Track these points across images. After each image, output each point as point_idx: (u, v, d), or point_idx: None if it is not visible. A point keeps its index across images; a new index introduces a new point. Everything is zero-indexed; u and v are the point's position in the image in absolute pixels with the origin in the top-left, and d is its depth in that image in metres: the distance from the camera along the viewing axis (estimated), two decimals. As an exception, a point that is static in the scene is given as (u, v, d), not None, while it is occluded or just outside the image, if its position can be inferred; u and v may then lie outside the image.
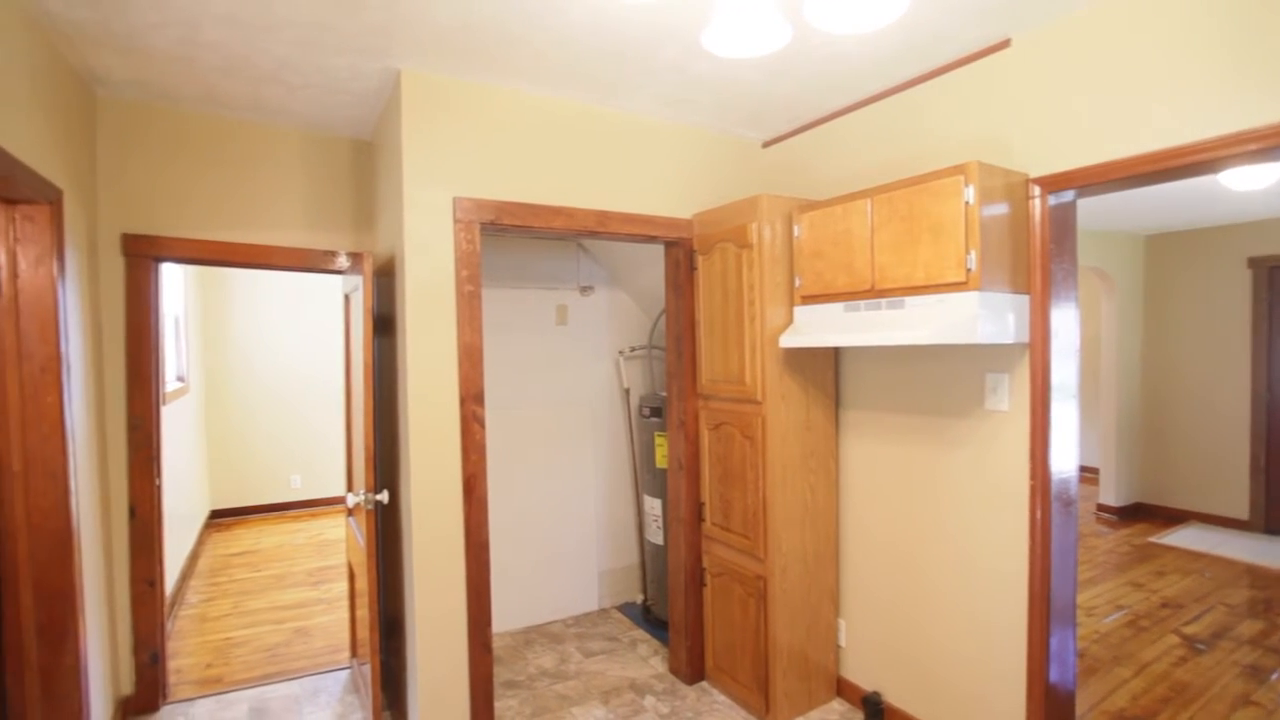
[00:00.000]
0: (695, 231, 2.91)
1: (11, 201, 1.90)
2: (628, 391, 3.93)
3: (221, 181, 2.82)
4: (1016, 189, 2.06)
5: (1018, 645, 2.16)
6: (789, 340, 2.50)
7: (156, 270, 2.76)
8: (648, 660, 3.22)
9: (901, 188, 2.13)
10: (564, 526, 3.72)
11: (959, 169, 1.97)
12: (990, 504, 2.25)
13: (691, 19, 1.99)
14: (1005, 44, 2.15)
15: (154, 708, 2.76)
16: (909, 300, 2.14)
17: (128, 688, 2.72)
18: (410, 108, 2.34)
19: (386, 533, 2.85)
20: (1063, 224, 2.09)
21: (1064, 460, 2.11)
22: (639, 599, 3.93)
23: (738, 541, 2.74)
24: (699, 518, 2.98)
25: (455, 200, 2.39)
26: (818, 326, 2.44)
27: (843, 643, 2.82)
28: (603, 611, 3.81)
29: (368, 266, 2.44)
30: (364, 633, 2.68)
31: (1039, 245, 2.06)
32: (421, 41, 2.13)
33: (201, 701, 2.85)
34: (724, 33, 1.48)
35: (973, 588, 2.31)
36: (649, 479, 3.60)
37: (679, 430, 3.00)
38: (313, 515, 6.09)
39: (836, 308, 2.40)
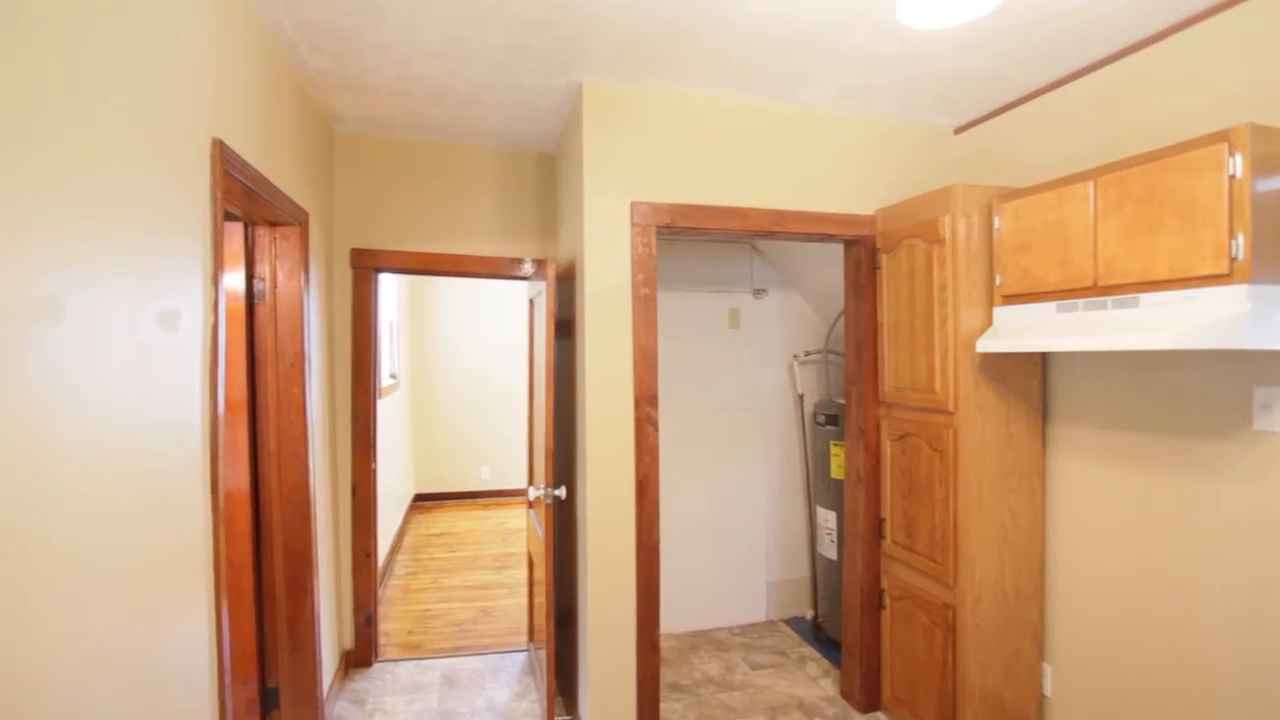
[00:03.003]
0: (878, 228, 2.72)
1: (274, 225, 2.28)
2: (801, 398, 3.78)
3: (426, 198, 3.16)
4: (1304, 157, 1.66)
5: (1301, 726, 1.73)
6: (988, 344, 2.24)
7: (376, 280, 3.15)
8: (817, 680, 3.06)
9: (1135, 165, 1.82)
10: (733, 533, 3.67)
11: (1220, 135, 1.63)
12: (1264, 549, 1.83)
13: (879, -2, 1.86)
14: (1288, -21, 1.75)
15: (368, 663, 3.14)
16: (1145, 298, 1.81)
17: (348, 643, 3.12)
18: (591, 117, 2.44)
19: (563, 527, 3.00)
20: (1375, 198, 1.65)
21: (1375, 498, 1.65)
22: (809, 614, 3.76)
23: (922, 564, 2.51)
24: (878, 535, 2.77)
25: (633, 205, 2.45)
26: (1024, 329, 2.16)
27: (1048, 692, 2.46)
28: (770, 623, 3.70)
29: (551, 272, 2.58)
30: (541, 619, 2.83)
31: (1337, 226, 1.64)
32: (602, 51, 2.21)
33: (404, 664, 3.20)
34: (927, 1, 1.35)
35: (1238, 653, 1.89)
36: (822, 489, 3.43)
37: (858, 440, 2.82)
38: (499, 505, 6.61)
39: (1047, 308, 2.10)
